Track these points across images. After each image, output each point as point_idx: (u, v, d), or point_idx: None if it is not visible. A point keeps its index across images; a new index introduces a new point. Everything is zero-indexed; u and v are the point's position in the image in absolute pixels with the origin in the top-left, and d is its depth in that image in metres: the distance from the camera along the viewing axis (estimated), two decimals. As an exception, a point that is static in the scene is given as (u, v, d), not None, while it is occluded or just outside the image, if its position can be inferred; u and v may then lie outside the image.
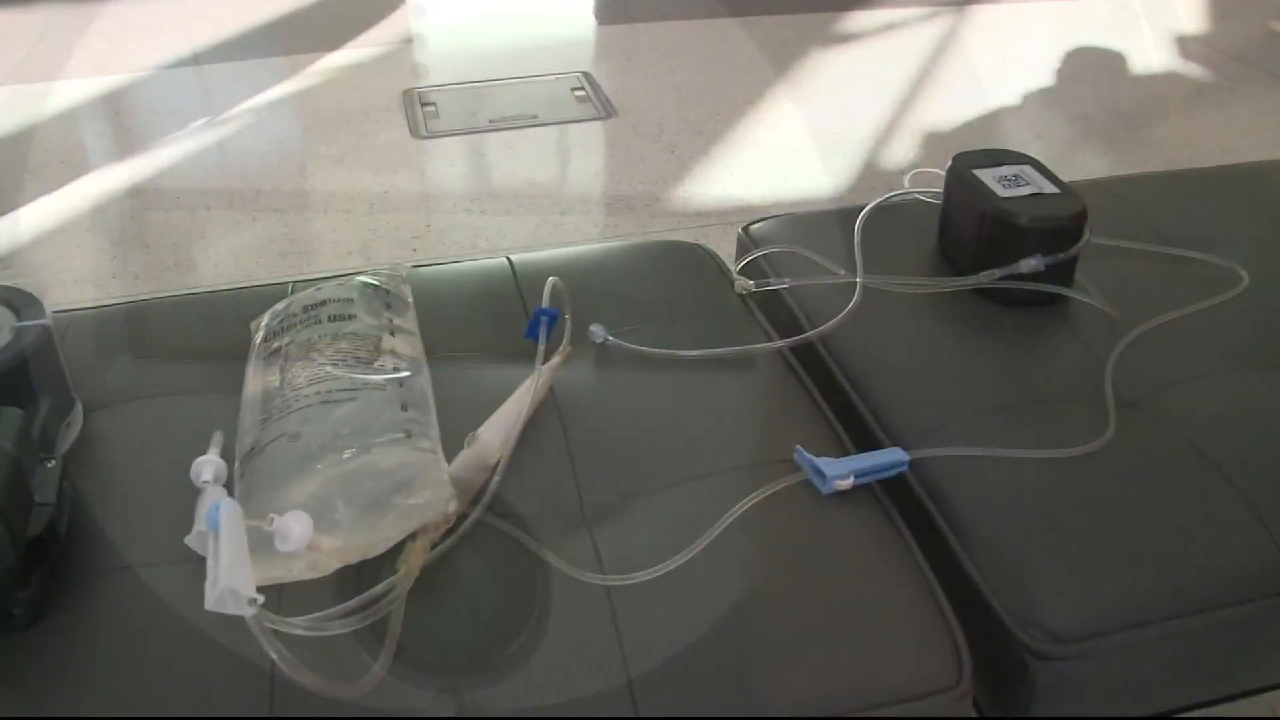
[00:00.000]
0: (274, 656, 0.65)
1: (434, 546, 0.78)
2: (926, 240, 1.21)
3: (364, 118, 2.92)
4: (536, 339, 0.97)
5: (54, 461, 0.83)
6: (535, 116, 2.87)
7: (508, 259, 1.14)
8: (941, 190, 1.22)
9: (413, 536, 0.77)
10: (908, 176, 1.34)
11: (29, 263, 2.37)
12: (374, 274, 0.99)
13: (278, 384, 0.85)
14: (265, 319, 0.98)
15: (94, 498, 0.88)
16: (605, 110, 2.90)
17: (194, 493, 0.86)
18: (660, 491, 0.87)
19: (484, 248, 2.30)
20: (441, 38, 3.57)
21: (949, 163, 1.18)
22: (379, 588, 0.75)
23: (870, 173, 2.59)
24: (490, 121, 2.85)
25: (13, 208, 2.59)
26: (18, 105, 3.15)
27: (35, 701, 0.73)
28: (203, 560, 0.80)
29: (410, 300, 0.99)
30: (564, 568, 0.78)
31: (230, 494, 0.82)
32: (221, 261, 2.31)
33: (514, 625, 0.76)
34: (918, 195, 1.30)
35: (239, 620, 0.74)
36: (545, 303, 0.97)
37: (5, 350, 0.88)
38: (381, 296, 0.95)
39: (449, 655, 0.74)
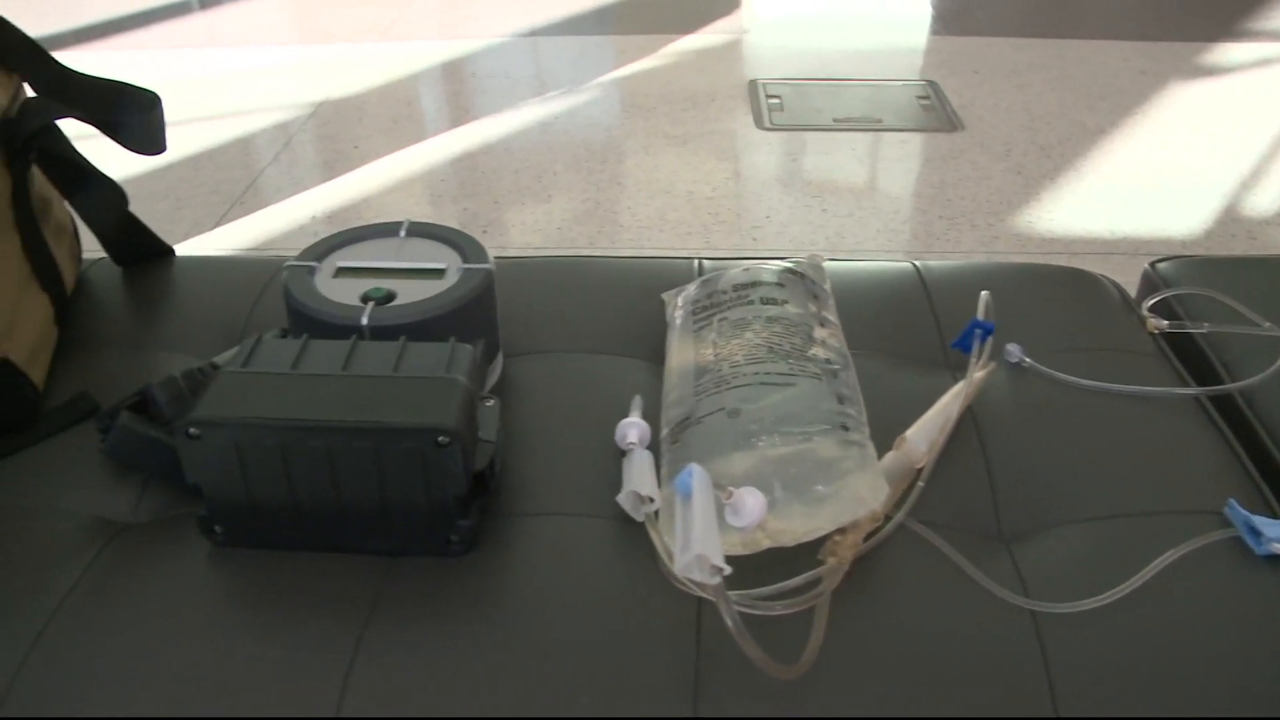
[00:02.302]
0: (729, 624, 0.66)
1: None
2: (1357, 301, 1.13)
3: (709, 103, 2.95)
4: (964, 349, 0.95)
5: (493, 401, 0.87)
6: (880, 121, 2.84)
7: (913, 264, 1.13)
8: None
9: (841, 531, 0.77)
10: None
11: (386, 207, 2.50)
12: (796, 262, 0.99)
13: (712, 359, 0.86)
14: (685, 292, 1.00)
15: (510, 443, 0.91)
16: (951, 122, 2.85)
17: (607, 449, 0.89)
18: (1081, 523, 0.84)
19: (824, 246, 2.30)
20: (784, 32, 3.58)
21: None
22: (798, 579, 0.75)
23: (1229, 219, 2.45)
24: (834, 120, 2.84)
25: (377, 155, 2.74)
26: (388, 61, 3.33)
27: (463, 627, 0.76)
28: (623, 518, 0.82)
29: (830, 292, 0.98)
30: (990, 586, 0.76)
31: (656, 460, 0.84)
32: (565, 226, 2.38)
33: (935, 636, 0.74)
34: (1347, 251, 1.21)
35: (658, 579, 0.76)
36: (980, 316, 0.95)
37: (454, 290, 0.92)
38: (808, 286, 0.95)
39: (869, 655, 0.73)
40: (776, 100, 2.94)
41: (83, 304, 1.14)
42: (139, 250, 1.21)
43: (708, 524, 0.68)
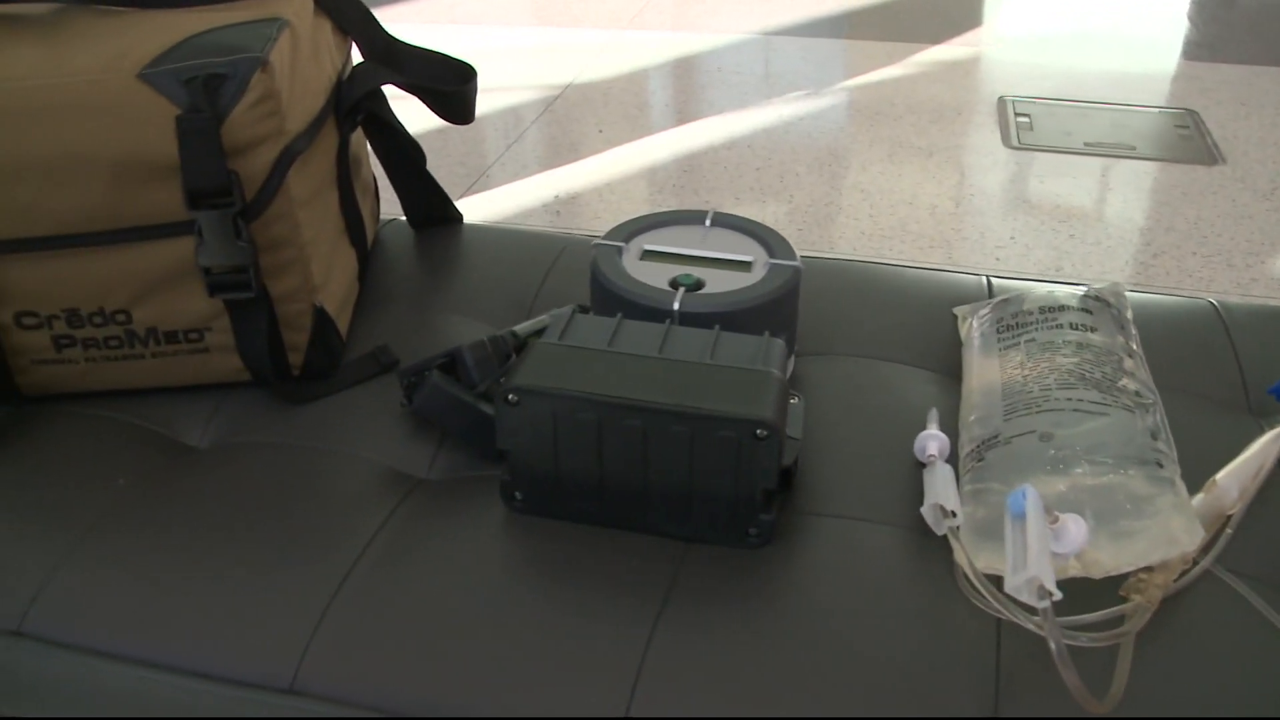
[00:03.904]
0: (1053, 649, 0.65)
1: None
2: None
3: (956, 116, 2.91)
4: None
5: (798, 398, 0.88)
6: (1134, 148, 2.75)
7: (1211, 302, 1.09)
8: None
9: (1147, 569, 0.75)
10: None
11: (629, 193, 2.54)
12: (1100, 291, 0.97)
13: (1020, 380, 0.85)
14: (981, 310, 0.98)
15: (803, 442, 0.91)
16: (1211, 155, 2.73)
17: (899, 457, 0.89)
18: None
19: (1068, 273, 2.24)
20: (1029, 49, 3.49)
21: None
22: (1101, 613, 0.73)
23: None
24: (1085, 144, 2.76)
25: (620, 141, 2.79)
26: (632, 50, 3.38)
27: (757, 622, 0.77)
28: (917, 528, 0.82)
29: (1132, 322, 0.96)
30: (1306, 646, 0.73)
31: (956, 475, 0.84)
32: (806, 228, 2.38)
33: (1243, 693, 0.72)
34: None
35: (954, 595, 0.76)
36: (1303, 363, 0.92)
37: (764, 284, 0.93)
38: (1115, 316, 0.93)
39: (1171, 701, 0.71)
40: (1025, 119, 2.88)
41: (378, 262, 1.20)
42: (433, 214, 1.25)
43: (1042, 547, 0.67)
